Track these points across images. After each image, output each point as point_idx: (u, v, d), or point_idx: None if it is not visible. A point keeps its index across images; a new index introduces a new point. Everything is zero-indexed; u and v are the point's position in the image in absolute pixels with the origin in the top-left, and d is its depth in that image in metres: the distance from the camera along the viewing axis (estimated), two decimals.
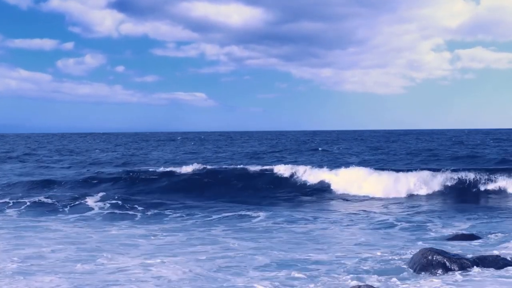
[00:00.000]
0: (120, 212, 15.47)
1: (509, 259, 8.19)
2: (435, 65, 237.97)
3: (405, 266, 8.25)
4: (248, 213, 14.76)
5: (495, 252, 8.75)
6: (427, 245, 9.27)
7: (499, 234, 11.04)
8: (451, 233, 11.26)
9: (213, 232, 12.14)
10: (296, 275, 7.94)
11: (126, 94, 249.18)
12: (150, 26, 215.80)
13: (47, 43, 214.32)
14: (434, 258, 7.96)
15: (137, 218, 14.63)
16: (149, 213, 15.29)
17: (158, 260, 8.93)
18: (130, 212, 15.37)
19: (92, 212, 15.68)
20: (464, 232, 11.35)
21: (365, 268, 8.30)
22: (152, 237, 11.45)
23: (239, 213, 14.86)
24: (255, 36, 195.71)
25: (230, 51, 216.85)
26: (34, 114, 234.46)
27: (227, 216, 14.44)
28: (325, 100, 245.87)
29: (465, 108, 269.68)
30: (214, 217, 14.42)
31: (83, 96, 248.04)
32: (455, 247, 9.52)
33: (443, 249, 8.54)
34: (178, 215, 14.92)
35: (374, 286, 6.97)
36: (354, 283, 7.23)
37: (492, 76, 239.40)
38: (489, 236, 10.84)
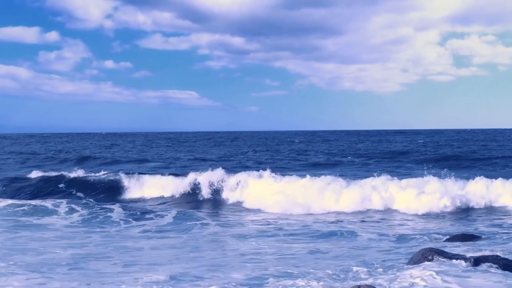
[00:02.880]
0: None
1: (510, 259, 8.14)
2: (434, 59, 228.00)
3: (404, 266, 8.20)
4: None
5: (495, 252, 8.71)
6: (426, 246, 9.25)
7: (499, 234, 11.03)
8: (451, 233, 11.25)
9: None
10: (293, 273, 7.90)
11: (116, 92, 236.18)
12: (145, 16, 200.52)
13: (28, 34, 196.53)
14: (434, 258, 7.91)
15: None
16: None
17: None
18: None
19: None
20: (464, 232, 11.33)
21: (364, 268, 8.25)
22: None
23: None
24: (248, 26, 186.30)
25: (227, 43, 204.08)
26: (14, 113, 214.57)
27: None
28: (325, 98, 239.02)
29: (467, 106, 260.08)
30: None
31: (66, 94, 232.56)
32: (455, 247, 9.49)
33: (443, 249, 8.50)
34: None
35: (374, 286, 6.92)
36: (354, 283, 7.18)
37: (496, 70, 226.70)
38: (489, 236, 10.82)
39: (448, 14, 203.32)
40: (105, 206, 16.08)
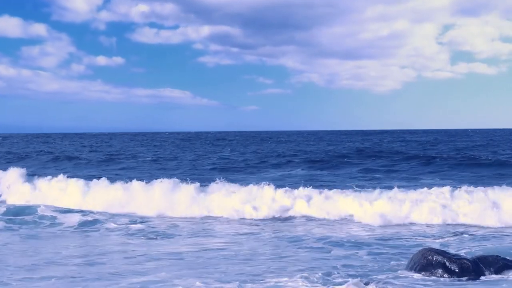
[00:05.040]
0: None
1: (509, 259, 8.14)
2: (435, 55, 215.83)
3: (405, 266, 8.21)
4: None
5: (495, 253, 8.70)
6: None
7: (498, 234, 11.03)
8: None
9: None
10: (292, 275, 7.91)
11: (106, 90, 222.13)
12: (138, 8, 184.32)
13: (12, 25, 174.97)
14: (434, 258, 7.91)
15: None
16: None
17: None
18: None
19: None
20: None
21: (364, 268, 8.26)
22: None
23: None
24: (241, 17, 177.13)
25: (222, 37, 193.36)
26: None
27: None
28: (324, 97, 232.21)
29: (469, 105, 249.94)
30: None
31: (54, 93, 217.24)
32: (455, 247, 9.48)
33: (443, 249, 8.50)
34: None
35: (375, 286, 6.93)
36: (354, 283, 7.19)
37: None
38: (488, 236, 10.82)
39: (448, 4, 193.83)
40: None
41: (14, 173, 19.24)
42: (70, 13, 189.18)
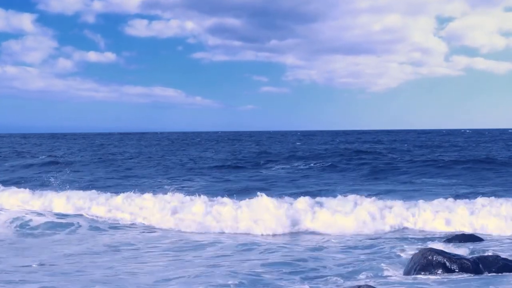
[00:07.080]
0: None
1: (510, 259, 8.13)
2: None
3: (405, 267, 8.19)
4: None
5: (495, 252, 8.70)
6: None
7: (499, 234, 11.03)
8: (450, 233, 11.23)
9: None
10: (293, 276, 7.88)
11: (94, 88, 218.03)
12: None
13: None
14: (434, 258, 7.89)
15: None
16: None
17: None
18: None
19: None
20: (464, 232, 11.32)
21: (364, 268, 8.24)
22: None
23: None
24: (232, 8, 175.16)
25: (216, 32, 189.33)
26: None
27: None
28: (323, 96, 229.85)
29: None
30: None
31: (40, 91, 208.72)
32: (455, 247, 9.46)
33: (443, 249, 8.48)
34: None
35: (374, 286, 6.90)
36: (354, 283, 7.17)
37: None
38: (488, 236, 10.82)
39: None
40: None
41: None
42: (58, 3, 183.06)
